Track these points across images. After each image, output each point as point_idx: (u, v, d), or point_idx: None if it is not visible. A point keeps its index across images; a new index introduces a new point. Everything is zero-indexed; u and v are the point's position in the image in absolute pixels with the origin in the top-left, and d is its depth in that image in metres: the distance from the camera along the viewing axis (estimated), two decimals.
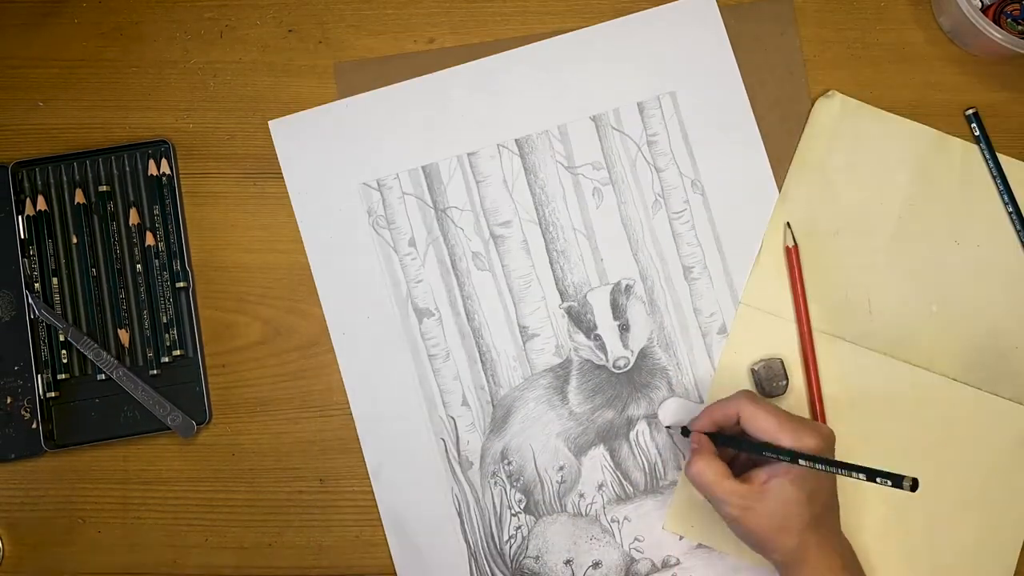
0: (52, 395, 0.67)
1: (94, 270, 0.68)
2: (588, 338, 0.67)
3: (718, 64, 0.69)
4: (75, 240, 0.68)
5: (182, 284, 0.68)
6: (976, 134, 0.68)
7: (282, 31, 0.70)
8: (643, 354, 0.67)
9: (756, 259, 0.67)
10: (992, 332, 0.67)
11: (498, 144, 0.68)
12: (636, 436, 0.67)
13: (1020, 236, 0.67)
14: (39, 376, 0.66)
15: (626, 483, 0.66)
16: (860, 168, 0.68)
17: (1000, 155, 0.68)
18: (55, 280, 0.68)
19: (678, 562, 0.66)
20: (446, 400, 0.67)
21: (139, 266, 0.68)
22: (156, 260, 0.68)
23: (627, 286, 0.68)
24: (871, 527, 0.65)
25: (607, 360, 0.67)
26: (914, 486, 0.49)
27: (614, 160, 0.68)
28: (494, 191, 0.68)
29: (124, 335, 0.67)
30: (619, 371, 0.67)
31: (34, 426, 0.66)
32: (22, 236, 0.68)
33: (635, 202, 0.68)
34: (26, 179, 0.68)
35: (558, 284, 0.68)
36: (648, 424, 0.67)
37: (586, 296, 0.67)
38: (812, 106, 0.68)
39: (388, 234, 0.68)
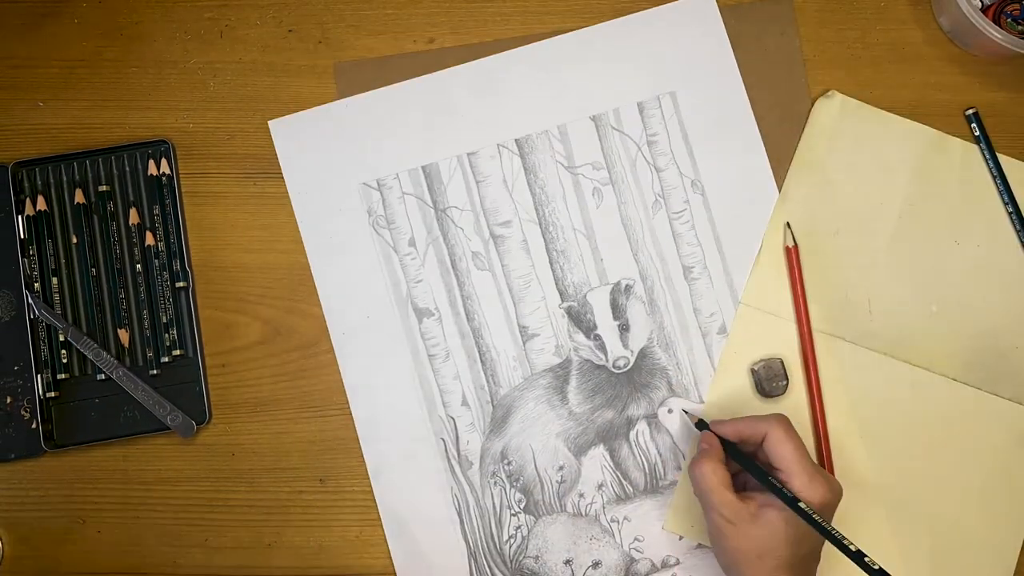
0: (52, 395, 0.67)
1: (94, 270, 0.68)
2: (588, 338, 0.67)
3: (718, 64, 0.69)
4: (75, 240, 0.68)
5: (182, 284, 0.68)
6: (976, 134, 0.68)
7: (282, 31, 0.70)
8: (643, 354, 0.67)
9: (756, 259, 0.67)
10: (992, 332, 0.67)
11: (498, 144, 0.68)
12: (636, 436, 0.67)
13: (1020, 236, 0.67)
14: (39, 376, 0.66)
15: (626, 483, 0.66)
16: (860, 168, 0.68)
17: (1000, 155, 0.68)
18: (55, 280, 0.68)
19: (678, 562, 0.66)
20: (446, 400, 0.67)
21: (139, 266, 0.68)
22: (156, 260, 0.68)
23: (627, 286, 0.68)
24: (872, 526, 0.65)
25: (607, 360, 0.67)
26: (860, 560, 0.51)
27: (614, 160, 0.68)
28: (494, 191, 0.68)
29: (124, 335, 0.67)
30: (619, 371, 0.67)
31: (34, 426, 0.66)
32: (22, 236, 0.68)
33: (635, 202, 0.68)
34: (26, 179, 0.68)
35: (558, 284, 0.68)
36: (648, 424, 0.67)
37: (586, 296, 0.67)
38: (812, 106, 0.68)
39: (388, 234, 0.68)
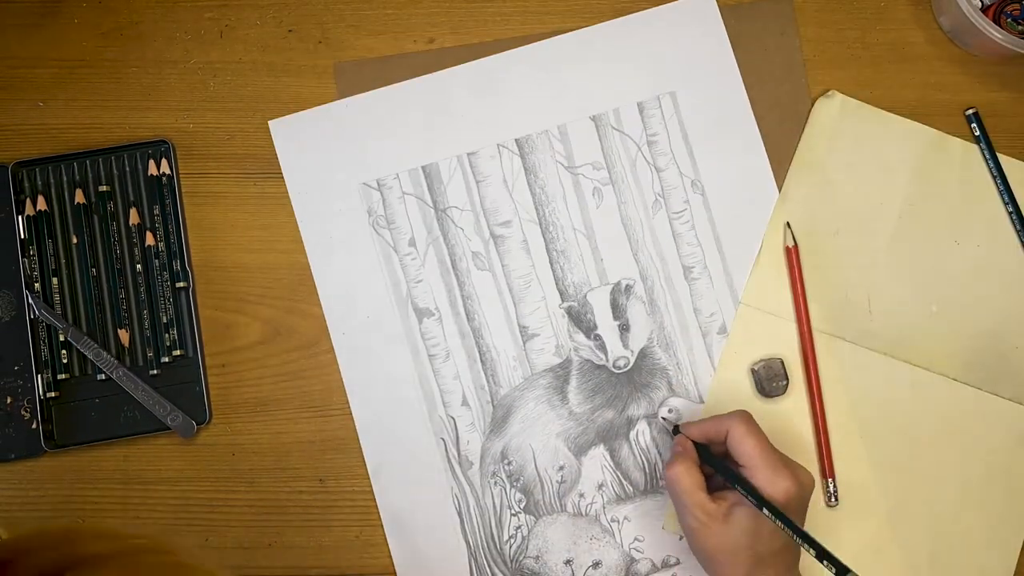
0: (52, 395, 0.67)
1: (94, 270, 0.68)
2: (588, 338, 0.67)
3: (718, 64, 0.69)
4: (75, 240, 0.68)
5: (182, 284, 0.68)
6: (976, 134, 0.68)
7: (282, 31, 0.70)
8: (643, 354, 0.67)
9: (756, 259, 0.67)
10: (992, 332, 0.67)
11: (498, 144, 0.68)
12: (636, 436, 0.67)
13: (1020, 236, 0.67)
14: (39, 376, 0.66)
15: (626, 483, 0.66)
16: (860, 168, 0.68)
17: (1000, 155, 0.68)
18: (55, 280, 0.68)
19: (678, 562, 0.66)
20: (446, 400, 0.67)
21: (139, 266, 0.68)
22: (156, 260, 0.68)
23: (627, 286, 0.68)
24: (871, 525, 0.65)
25: (607, 360, 0.67)
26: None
27: (614, 160, 0.68)
28: (494, 191, 0.68)
29: (124, 335, 0.67)
30: (619, 371, 0.67)
31: (34, 426, 0.66)
32: (22, 236, 0.68)
33: (635, 202, 0.68)
34: (26, 179, 0.68)
35: (558, 284, 0.68)
36: (648, 424, 0.67)
37: (586, 296, 0.67)
38: (812, 106, 0.68)
39: (388, 234, 0.68)
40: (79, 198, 0.68)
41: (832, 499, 0.65)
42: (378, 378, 0.67)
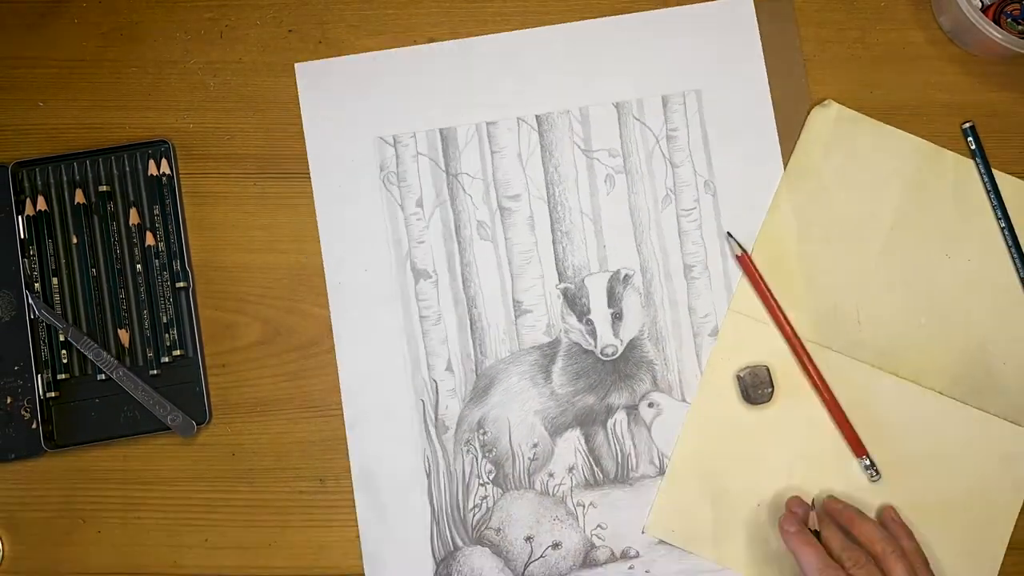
0: (52, 395, 0.67)
1: (94, 270, 0.68)
2: (580, 321, 0.67)
3: (747, 68, 0.69)
4: (75, 240, 0.68)
5: (182, 284, 0.68)
6: (972, 148, 0.68)
7: (282, 31, 0.70)
8: (632, 345, 0.67)
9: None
10: (980, 347, 0.66)
11: (518, 117, 0.69)
12: (613, 425, 0.67)
13: (1012, 252, 0.67)
14: (39, 376, 0.66)
15: (597, 469, 0.67)
16: (854, 178, 0.68)
17: (995, 171, 0.67)
18: (55, 280, 0.68)
19: (637, 555, 0.66)
20: (431, 363, 0.67)
21: (139, 266, 0.68)
22: (156, 260, 0.68)
23: (626, 276, 0.68)
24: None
25: (595, 346, 0.67)
26: None
27: (631, 149, 0.68)
28: (508, 163, 0.68)
29: (124, 335, 0.67)
30: (606, 358, 0.67)
31: (34, 426, 0.66)
32: (22, 236, 0.68)
33: (646, 194, 0.68)
34: (26, 179, 0.68)
35: (558, 264, 0.68)
36: (627, 415, 0.67)
37: (584, 280, 0.68)
38: (808, 113, 0.68)
39: (397, 191, 0.68)
40: (79, 198, 0.68)
41: (874, 474, 0.65)
42: (367, 332, 0.67)
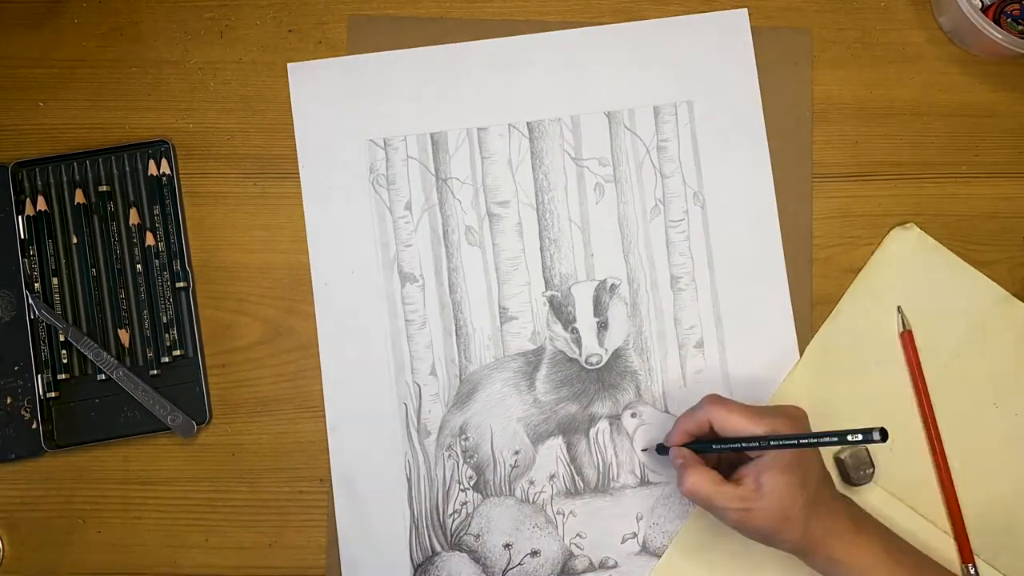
0: (52, 395, 0.67)
1: (94, 270, 0.68)
2: (565, 330, 0.67)
3: (740, 82, 0.69)
4: (75, 240, 0.68)
5: (182, 284, 0.68)
6: None
7: (282, 31, 0.70)
8: (616, 355, 0.67)
9: (794, 368, 0.66)
10: (1005, 503, 0.65)
11: (509, 124, 0.69)
12: (596, 434, 0.67)
13: None
14: (39, 376, 0.66)
15: (578, 478, 0.67)
16: (919, 307, 0.67)
17: None
18: (55, 280, 0.68)
19: (616, 565, 0.66)
20: (415, 366, 0.67)
21: (139, 266, 0.68)
22: (156, 260, 0.68)
23: (612, 285, 0.68)
24: None
25: (580, 354, 0.67)
26: (883, 435, 0.50)
27: (621, 159, 0.68)
28: (497, 169, 0.68)
29: (124, 335, 0.67)
30: (590, 367, 0.67)
31: (34, 426, 0.66)
32: (22, 236, 0.68)
33: (635, 203, 0.68)
34: (26, 179, 0.68)
35: (545, 271, 0.68)
36: (610, 424, 0.67)
37: (570, 288, 0.68)
38: (886, 235, 0.68)
39: (386, 194, 0.68)
40: (79, 198, 0.68)
41: None
42: (352, 334, 0.67)
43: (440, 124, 0.69)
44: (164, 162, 0.68)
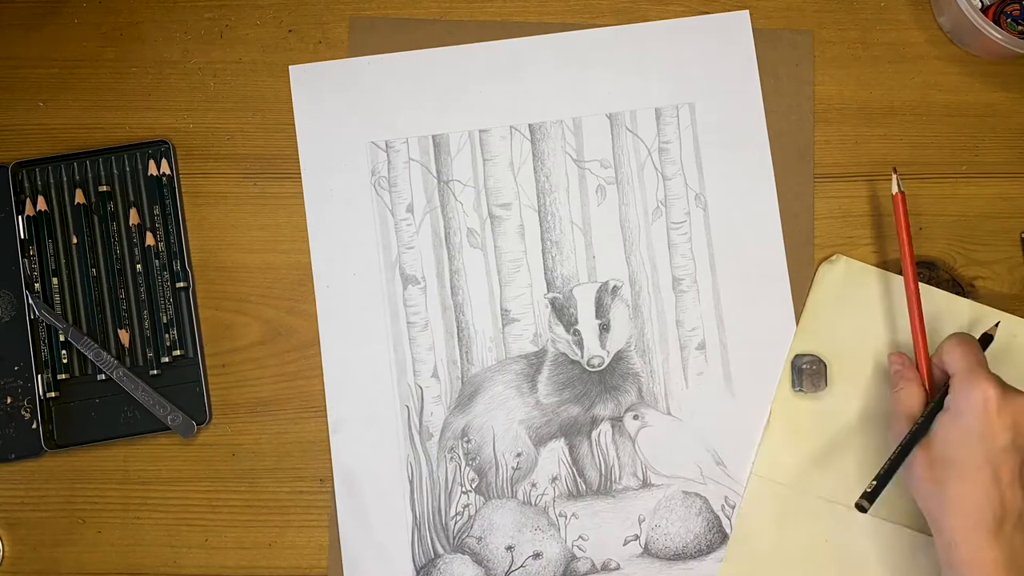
0: (52, 395, 0.67)
1: (94, 270, 0.68)
2: (567, 332, 0.67)
3: (742, 84, 0.68)
4: (75, 240, 0.68)
5: (182, 284, 0.68)
6: None
7: (282, 31, 0.70)
8: (618, 357, 0.67)
9: (766, 427, 0.66)
10: None
11: (511, 126, 0.69)
12: (598, 436, 0.67)
13: None
14: (39, 376, 0.66)
15: (580, 480, 0.67)
16: (867, 329, 0.66)
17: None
18: (55, 280, 0.68)
19: (618, 567, 0.66)
20: (417, 369, 0.67)
21: (139, 266, 0.68)
22: (156, 260, 0.68)
23: (614, 287, 0.68)
24: None
25: (582, 357, 0.67)
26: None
27: (623, 160, 0.68)
28: (499, 171, 0.68)
29: (124, 335, 0.67)
30: (592, 369, 0.67)
31: (34, 426, 0.66)
32: (22, 236, 0.68)
33: (636, 205, 0.68)
34: (26, 179, 0.68)
35: (547, 274, 0.68)
36: (612, 426, 0.67)
37: (572, 290, 0.68)
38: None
39: (388, 196, 0.68)
40: (79, 198, 0.68)
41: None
42: (354, 336, 0.67)
43: (442, 126, 0.69)
44: (164, 162, 0.68)
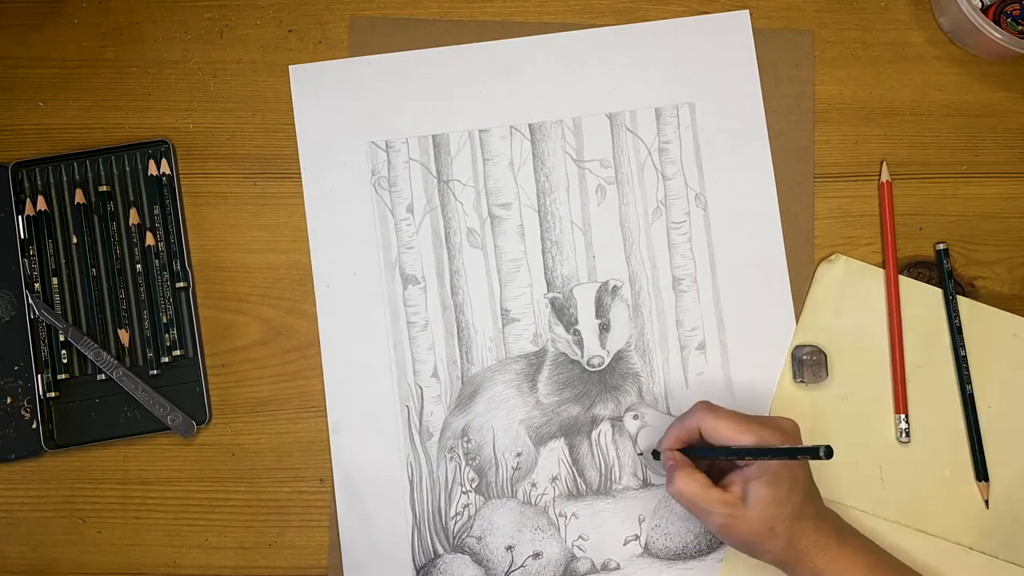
0: (52, 395, 0.67)
1: (94, 270, 0.68)
2: (567, 332, 0.67)
3: (742, 84, 0.69)
4: (75, 240, 0.68)
5: (182, 284, 0.68)
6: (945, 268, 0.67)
7: (282, 31, 0.70)
8: (618, 356, 0.67)
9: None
10: (1006, 497, 0.65)
11: (511, 126, 0.69)
12: (598, 436, 0.67)
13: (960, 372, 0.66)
14: (39, 376, 0.66)
15: (580, 480, 0.67)
16: (866, 330, 0.67)
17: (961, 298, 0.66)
18: (55, 280, 0.68)
19: (618, 567, 0.66)
20: (417, 369, 0.67)
21: (139, 266, 0.68)
22: (156, 260, 0.68)
23: (614, 287, 0.68)
24: None
25: (582, 356, 0.67)
26: (828, 453, 0.50)
27: (623, 160, 0.68)
28: (499, 171, 0.68)
29: (124, 335, 0.67)
30: (592, 369, 0.67)
31: (34, 426, 0.66)
32: (22, 236, 0.68)
33: (636, 205, 0.68)
34: (26, 179, 0.68)
35: (547, 273, 0.68)
36: (612, 426, 0.67)
37: (572, 290, 0.68)
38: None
39: (388, 196, 0.68)
40: (79, 198, 0.68)
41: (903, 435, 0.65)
42: (354, 336, 0.67)
43: (442, 126, 0.69)
44: (164, 162, 0.68)
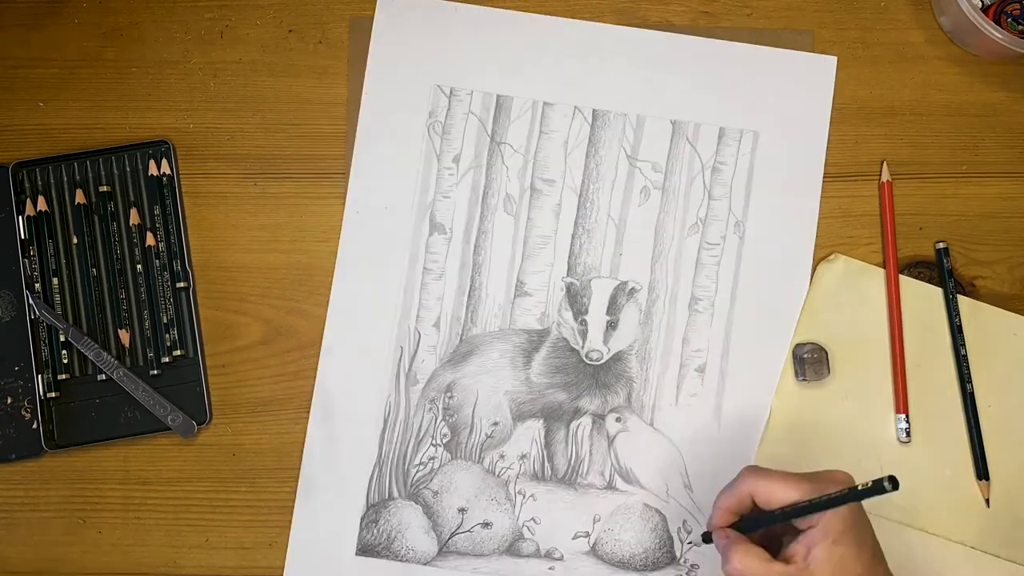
0: (52, 395, 0.67)
1: (94, 270, 0.68)
2: (575, 319, 0.67)
3: (812, 127, 0.68)
4: (75, 240, 0.68)
5: (182, 284, 0.68)
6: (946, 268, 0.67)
7: (282, 31, 0.70)
8: (617, 357, 0.67)
9: (768, 422, 0.66)
10: (1007, 496, 0.65)
11: (576, 106, 0.69)
12: (577, 427, 0.67)
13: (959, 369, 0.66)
14: (39, 376, 0.66)
15: (548, 464, 0.67)
16: (864, 330, 0.66)
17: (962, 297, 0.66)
18: (55, 280, 0.68)
19: (561, 558, 0.66)
20: (421, 315, 0.67)
21: (139, 266, 0.68)
22: (156, 260, 0.68)
23: (632, 289, 0.68)
24: None
25: (582, 347, 0.67)
26: (893, 483, 0.49)
27: (674, 169, 0.68)
28: (552, 147, 0.69)
29: (124, 335, 0.67)
30: (589, 363, 0.67)
31: (34, 426, 0.66)
32: (22, 236, 0.68)
33: (676, 216, 0.68)
34: (26, 179, 0.68)
35: (571, 258, 0.68)
36: (592, 421, 0.67)
37: (591, 281, 0.68)
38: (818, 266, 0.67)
39: (439, 142, 0.68)
40: (79, 198, 0.68)
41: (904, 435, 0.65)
42: (369, 267, 0.68)
43: (509, 88, 0.69)
44: (164, 162, 0.68)
